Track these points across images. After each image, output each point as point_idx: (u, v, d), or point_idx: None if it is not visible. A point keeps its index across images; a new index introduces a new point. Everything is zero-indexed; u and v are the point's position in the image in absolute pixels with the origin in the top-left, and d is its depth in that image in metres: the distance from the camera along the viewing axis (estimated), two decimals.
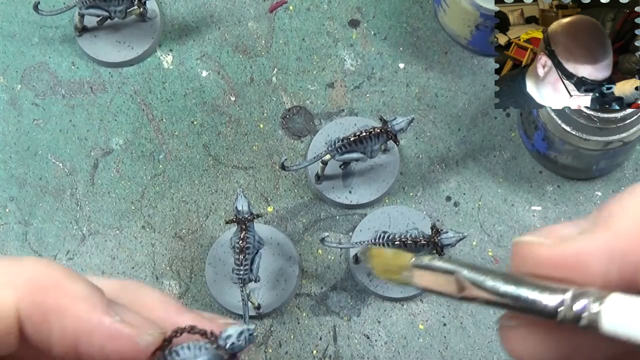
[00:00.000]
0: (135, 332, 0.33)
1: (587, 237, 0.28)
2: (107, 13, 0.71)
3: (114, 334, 0.32)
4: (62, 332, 0.32)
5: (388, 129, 0.64)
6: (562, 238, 0.28)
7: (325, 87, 0.73)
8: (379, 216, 0.68)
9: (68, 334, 0.32)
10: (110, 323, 0.32)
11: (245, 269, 0.62)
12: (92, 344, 0.32)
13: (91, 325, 0.32)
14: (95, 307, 0.32)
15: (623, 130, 0.63)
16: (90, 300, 0.33)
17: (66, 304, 0.32)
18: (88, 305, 0.32)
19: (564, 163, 0.68)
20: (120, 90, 0.73)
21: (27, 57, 0.74)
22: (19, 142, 0.72)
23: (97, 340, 0.32)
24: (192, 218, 0.70)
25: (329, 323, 0.68)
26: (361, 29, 0.74)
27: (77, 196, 0.71)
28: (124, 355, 0.33)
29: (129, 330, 0.33)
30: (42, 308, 0.32)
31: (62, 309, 0.32)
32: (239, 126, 0.72)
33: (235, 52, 0.74)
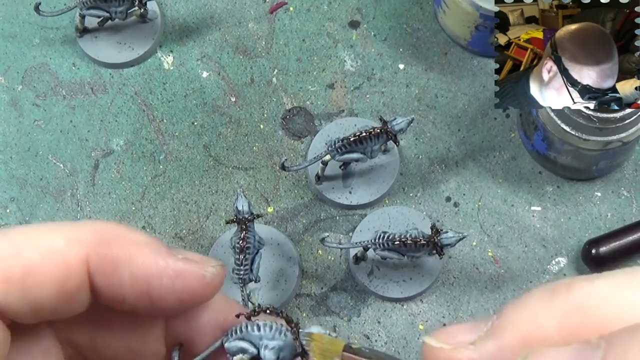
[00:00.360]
0: (199, 268, 0.35)
1: (478, 346, 0.31)
2: (108, 14, 0.71)
3: (181, 272, 0.34)
4: (133, 279, 0.34)
5: (388, 129, 0.64)
6: (458, 344, 0.31)
7: (325, 87, 0.73)
8: (379, 216, 0.69)
9: (139, 280, 0.34)
10: (175, 262, 0.34)
11: (246, 269, 0.62)
12: (163, 285, 0.34)
13: (159, 267, 0.34)
14: (159, 251, 0.34)
15: (622, 131, 0.63)
16: (153, 246, 0.34)
17: (133, 252, 0.34)
18: (152, 250, 0.34)
19: (564, 163, 0.68)
20: (120, 91, 0.73)
21: (28, 58, 0.74)
22: (19, 142, 0.72)
23: (167, 281, 0.34)
24: (192, 218, 0.70)
25: (329, 323, 0.68)
26: (361, 30, 0.74)
27: (77, 197, 0.71)
28: (193, 290, 0.35)
29: (193, 267, 0.35)
30: (110, 259, 0.34)
31: (129, 257, 0.34)
32: (240, 127, 0.72)
33: (236, 53, 0.74)
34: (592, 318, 0.28)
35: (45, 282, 0.33)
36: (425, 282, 0.67)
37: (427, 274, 0.67)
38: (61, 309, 0.34)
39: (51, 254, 0.33)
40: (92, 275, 0.34)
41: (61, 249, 0.33)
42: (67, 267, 0.33)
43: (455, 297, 0.68)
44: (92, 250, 0.34)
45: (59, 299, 0.34)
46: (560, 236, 0.69)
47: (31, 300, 0.33)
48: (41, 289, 0.33)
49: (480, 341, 0.31)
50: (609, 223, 0.69)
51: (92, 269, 0.34)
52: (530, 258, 0.69)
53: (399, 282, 0.67)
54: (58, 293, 0.33)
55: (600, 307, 0.28)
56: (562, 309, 0.29)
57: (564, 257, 0.69)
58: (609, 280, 0.29)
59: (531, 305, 0.30)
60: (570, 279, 0.29)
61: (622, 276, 0.29)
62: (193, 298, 0.35)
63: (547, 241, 0.69)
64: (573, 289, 0.29)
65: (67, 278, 0.33)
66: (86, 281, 0.34)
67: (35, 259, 0.33)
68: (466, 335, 0.31)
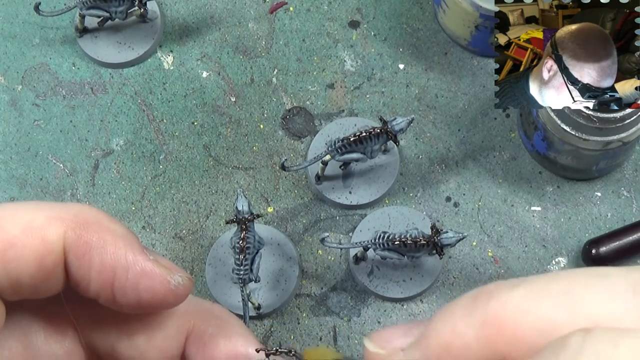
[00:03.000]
0: (166, 273, 0.35)
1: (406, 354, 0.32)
2: (108, 14, 0.71)
3: (148, 271, 0.35)
4: (102, 266, 0.34)
5: (388, 129, 0.64)
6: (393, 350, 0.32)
7: (325, 87, 0.73)
8: (379, 216, 0.69)
9: (106, 268, 0.34)
10: (145, 261, 0.35)
11: (246, 269, 0.62)
12: (127, 280, 0.35)
13: (128, 261, 0.35)
14: (132, 246, 0.35)
15: (623, 131, 0.63)
16: (128, 239, 0.35)
17: (107, 239, 0.35)
18: (126, 243, 0.35)
19: (564, 163, 0.68)
20: (120, 91, 0.73)
21: (28, 57, 0.74)
22: (19, 142, 0.72)
23: (132, 276, 0.35)
24: (192, 218, 0.70)
25: (329, 323, 0.68)
26: (361, 29, 0.74)
27: (77, 197, 0.71)
28: (155, 293, 0.35)
29: (161, 270, 0.35)
30: (85, 241, 0.34)
31: (103, 243, 0.34)
32: (240, 127, 0.72)
33: (236, 53, 0.74)
34: (507, 329, 0.28)
35: (24, 256, 0.34)
36: (425, 282, 0.67)
37: (427, 274, 0.67)
38: (39, 287, 0.35)
39: (32, 229, 0.34)
40: (66, 254, 0.34)
41: (41, 225, 0.34)
42: (46, 242, 0.34)
43: (455, 297, 0.68)
44: (71, 229, 0.34)
45: (37, 275, 0.34)
46: (560, 236, 0.69)
47: (11, 274, 0.34)
48: (20, 263, 0.34)
49: (408, 349, 0.31)
50: (609, 223, 0.69)
51: (67, 247, 0.34)
52: (530, 258, 0.69)
53: (399, 282, 0.67)
54: (36, 268, 0.34)
55: (515, 318, 0.28)
56: (480, 318, 0.29)
57: (564, 257, 0.69)
58: (526, 289, 0.28)
59: (454, 313, 0.30)
60: (495, 285, 0.29)
61: (538, 284, 0.28)
62: (153, 300, 0.35)
63: (547, 241, 0.69)
64: (492, 297, 0.29)
65: (46, 254, 0.34)
66: (62, 259, 0.34)
67: (16, 232, 0.33)
68: (399, 339, 0.32)
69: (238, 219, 0.62)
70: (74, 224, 0.34)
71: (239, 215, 0.62)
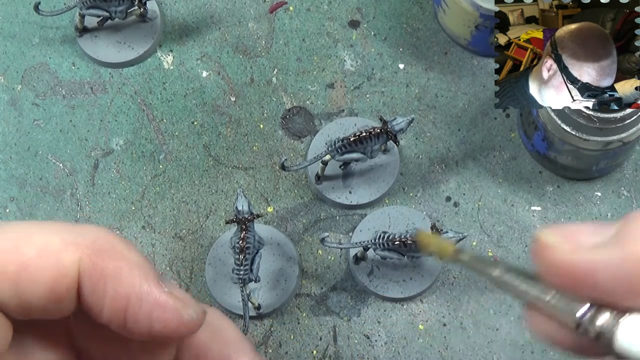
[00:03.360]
0: (181, 306, 0.35)
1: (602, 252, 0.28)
2: (108, 13, 0.71)
3: (162, 303, 0.34)
4: (115, 294, 0.34)
5: (388, 129, 0.64)
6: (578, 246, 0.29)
7: (325, 87, 0.73)
8: (379, 216, 0.69)
9: (120, 297, 0.34)
10: (159, 293, 0.34)
11: (246, 269, 0.62)
12: (141, 310, 0.34)
13: (142, 292, 0.34)
14: (147, 277, 0.34)
15: (623, 131, 0.63)
16: (144, 268, 0.34)
17: (123, 268, 0.34)
18: (141, 272, 0.34)
19: (564, 163, 0.68)
20: (120, 91, 0.73)
21: (28, 57, 0.74)
22: (19, 142, 0.72)
23: (145, 307, 0.34)
24: (192, 218, 0.70)
25: (329, 323, 0.68)
26: (361, 29, 0.74)
27: (77, 196, 0.71)
28: (167, 326, 0.35)
29: (175, 304, 0.35)
30: (101, 269, 0.34)
31: (118, 272, 0.34)
32: (239, 126, 0.72)
33: (236, 53, 0.74)
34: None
35: (38, 279, 0.33)
36: (425, 282, 0.67)
37: (427, 274, 0.67)
38: (50, 309, 0.34)
39: (47, 252, 0.33)
40: (80, 279, 0.34)
41: (57, 249, 0.34)
42: (61, 267, 0.34)
43: (455, 297, 0.68)
44: (86, 256, 0.34)
45: (49, 298, 0.34)
46: None
47: (22, 296, 0.33)
48: (33, 285, 0.33)
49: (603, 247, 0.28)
50: None
51: (81, 274, 0.34)
52: (531, 258, 0.68)
53: (399, 282, 0.67)
54: (49, 292, 0.34)
55: None
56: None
57: None
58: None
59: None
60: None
61: None
62: (165, 332, 0.35)
63: None
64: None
65: (59, 278, 0.34)
66: (76, 283, 0.34)
67: (31, 254, 0.33)
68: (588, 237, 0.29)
69: (238, 219, 0.62)
70: (90, 250, 0.34)
71: (239, 215, 0.62)
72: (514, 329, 0.67)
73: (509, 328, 0.67)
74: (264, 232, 0.67)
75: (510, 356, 0.67)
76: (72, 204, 0.70)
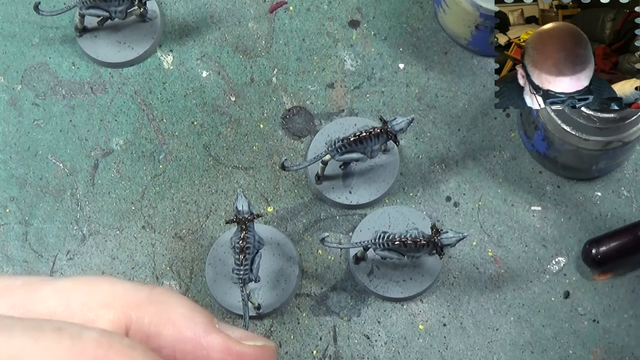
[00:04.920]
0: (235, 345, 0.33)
1: None
2: (108, 13, 0.71)
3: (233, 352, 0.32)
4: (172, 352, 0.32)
5: (388, 129, 0.64)
6: None
7: (325, 87, 0.73)
8: (379, 216, 0.68)
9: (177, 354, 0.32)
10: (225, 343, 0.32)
11: (246, 269, 0.62)
12: None
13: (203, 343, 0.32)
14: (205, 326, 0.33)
15: (623, 130, 0.63)
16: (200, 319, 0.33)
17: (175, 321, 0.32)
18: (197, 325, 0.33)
19: (564, 163, 0.68)
20: (120, 91, 0.73)
21: (28, 57, 0.74)
22: (19, 142, 0.72)
23: None
24: (192, 218, 0.70)
25: (329, 323, 0.68)
26: (361, 29, 0.74)
27: (77, 196, 0.71)
28: None
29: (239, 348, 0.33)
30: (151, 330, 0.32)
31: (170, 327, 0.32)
32: (239, 126, 0.72)
33: (236, 53, 0.74)
34: None
35: None
36: (425, 282, 0.67)
37: (427, 274, 0.67)
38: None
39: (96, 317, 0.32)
40: None
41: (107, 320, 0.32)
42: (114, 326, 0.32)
43: (455, 297, 0.68)
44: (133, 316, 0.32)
45: None
46: (560, 236, 0.69)
47: None
48: None
49: None
50: (609, 223, 0.69)
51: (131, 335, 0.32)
52: (531, 258, 0.69)
53: (399, 282, 0.67)
54: None
55: None
56: None
57: (564, 257, 0.69)
58: None
59: None
60: None
61: None
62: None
63: (547, 241, 0.69)
64: None
65: None
66: None
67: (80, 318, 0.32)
68: None
69: (238, 219, 0.62)
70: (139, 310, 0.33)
71: (239, 215, 0.62)
72: (514, 329, 0.67)
73: (509, 328, 0.67)
74: (264, 232, 0.67)
75: (510, 356, 0.67)
76: (72, 204, 0.70)
